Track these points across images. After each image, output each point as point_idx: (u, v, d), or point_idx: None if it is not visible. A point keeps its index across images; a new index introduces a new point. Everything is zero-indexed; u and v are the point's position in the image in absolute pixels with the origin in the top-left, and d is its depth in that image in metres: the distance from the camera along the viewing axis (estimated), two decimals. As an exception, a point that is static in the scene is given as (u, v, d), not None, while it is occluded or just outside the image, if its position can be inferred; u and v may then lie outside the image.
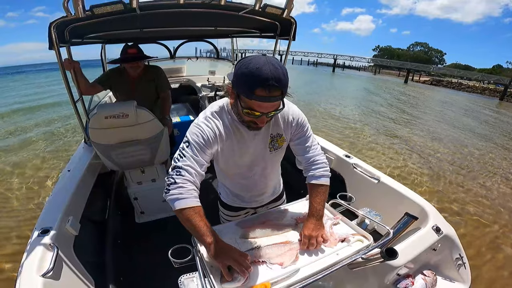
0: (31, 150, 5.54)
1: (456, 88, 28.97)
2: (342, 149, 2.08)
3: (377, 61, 45.60)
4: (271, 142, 1.03)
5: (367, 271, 1.05)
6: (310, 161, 1.07)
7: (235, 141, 0.97)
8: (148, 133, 1.90)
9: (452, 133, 8.43)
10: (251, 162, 1.07)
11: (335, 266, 0.85)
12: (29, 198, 3.62)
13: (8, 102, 12.04)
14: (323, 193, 1.04)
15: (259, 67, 0.72)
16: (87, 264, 1.30)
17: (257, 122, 0.85)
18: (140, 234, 2.18)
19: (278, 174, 1.30)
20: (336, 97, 14.76)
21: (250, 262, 0.87)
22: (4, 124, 8.02)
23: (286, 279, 0.83)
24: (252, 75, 0.73)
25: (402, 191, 1.53)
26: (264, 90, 0.73)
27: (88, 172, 1.87)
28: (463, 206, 3.85)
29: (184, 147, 0.91)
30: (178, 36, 3.16)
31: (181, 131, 3.19)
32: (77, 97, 1.94)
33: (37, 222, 1.26)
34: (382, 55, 64.08)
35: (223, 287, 0.79)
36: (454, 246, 1.26)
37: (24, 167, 4.62)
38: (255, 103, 0.77)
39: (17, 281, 0.95)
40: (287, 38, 2.32)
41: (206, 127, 0.92)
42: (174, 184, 0.85)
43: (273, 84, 0.72)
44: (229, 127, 0.95)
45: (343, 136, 7.01)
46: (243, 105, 0.81)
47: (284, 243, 0.98)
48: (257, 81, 0.73)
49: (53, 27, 1.40)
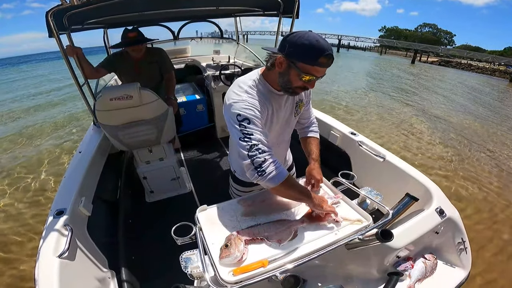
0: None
1: (465, 69, 27.64)
2: (347, 127, 1.99)
3: (383, 42, 43.28)
4: (295, 108, 1.12)
5: (366, 252, 1.01)
6: (309, 122, 1.28)
7: (274, 108, 1.02)
8: (153, 113, 1.88)
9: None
10: (280, 127, 1.12)
11: (332, 245, 0.83)
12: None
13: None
14: (318, 144, 1.25)
15: (318, 40, 0.83)
16: (100, 244, 1.32)
17: (309, 86, 0.94)
18: (150, 213, 2.20)
19: (289, 145, 1.33)
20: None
21: (249, 240, 0.87)
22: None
23: (283, 257, 0.81)
24: (314, 46, 0.83)
25: (408, 170, 1.45)
26: (325, 58, 0.85)
27: (98, 153, 1.87)
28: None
29: (245, 125, 0.90)
30: (180, 17, 3.03)
31: (187, 110, 3.16)
32: (82, 82, 1.91)
33: (52, 204, 1.27)
34: (389, 36, 60.78)
35: (222, 262, 0.79)
36: (457, 229, 1.19)
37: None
38: (317, 69, 0.87)
39: (37, 263, 0.97)
40: (291, 16, 2.21)
41: (253, 99, 0.94)
42: (265, 162, 0.87)
43: (330, 54, 0.85)
44: (267, 95, 0.99)
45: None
46: (302, 71, 0.87)
47: (283, 221, 0.96)
48: (320, 51, 0.83)
49: (50, 16, 1.38)
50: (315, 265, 1.00)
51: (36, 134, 5.89)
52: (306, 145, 1.24)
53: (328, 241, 0.86)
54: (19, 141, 5.46)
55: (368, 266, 1.08)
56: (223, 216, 1.00)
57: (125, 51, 2.17)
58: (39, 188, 3.62)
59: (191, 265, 0.80)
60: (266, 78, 0.99)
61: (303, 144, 1.26)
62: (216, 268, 0.77)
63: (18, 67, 30.98)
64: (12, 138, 5.66)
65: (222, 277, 0.74)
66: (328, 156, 2.00)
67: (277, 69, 0.92)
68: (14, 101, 9.97)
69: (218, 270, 0.76)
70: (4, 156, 4.78)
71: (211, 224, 0.96)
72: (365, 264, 1.08)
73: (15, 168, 4.21)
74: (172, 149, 2.35)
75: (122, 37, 2.08)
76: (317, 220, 0.96)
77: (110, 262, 1.32)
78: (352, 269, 1.08)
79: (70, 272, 0.99)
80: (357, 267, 1.08)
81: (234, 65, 3.06)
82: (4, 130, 6.31)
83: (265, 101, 0.98)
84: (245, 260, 0.80)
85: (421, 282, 1.08)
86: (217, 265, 0.78)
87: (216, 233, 0.91)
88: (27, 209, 3.20)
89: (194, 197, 2.36)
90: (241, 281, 0.73)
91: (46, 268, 0.94)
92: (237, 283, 0.73)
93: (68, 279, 0.95)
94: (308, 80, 0.89)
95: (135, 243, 1.73)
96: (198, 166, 2.87)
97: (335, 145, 2.00)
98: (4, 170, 4.16)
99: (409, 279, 1.08)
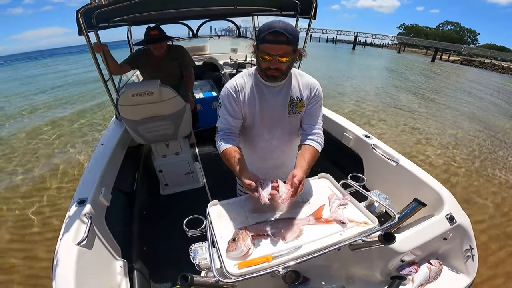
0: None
1: (488, 69, 25.90)
2: (362, 129, 1.94)
3: (401, 39, 41.22)
4: (291, 105, 1.09)
5: (371, 254, 1.00)
6: (313, 132, 1.12)
7: (257, 96, 1.07)
8: (171, 109, 1.92)
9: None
10: (271, 121, 1.12)
11: (336, 245, 0.82)
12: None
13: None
14: (313, 154, 1.06)
15: (271, 22, 0.90)
16: (115, 234, 1.36)
17: (270, 66, 0.94)
18: (163, 206, 2.25)
19: (295, 151, 1.25)
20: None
21: (256, 235, 0.88)
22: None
23: (287, 254, 0.81)
24: (265, 26, 0.90)
25: (421, 176, 1.40)
26: (271, 34, 0.88)
27: (119, 145, 1.94)
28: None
29: (220, 107, 1.10)
30: (199, 16, 3.05)
31: (204, 107, 3.20)
32: (107, 77, 1.97)
33: (75, 193, 1.31)
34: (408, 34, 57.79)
35: (228, 256, 0.80)
36: (466, 236, 1.14)
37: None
38: (266, 45, 0.91)
39: (57, 248, 1.01)
40: (308, 17, 2.16)
41: (234, 86, 1.07)
42: (218, 140, 1.09)
43: (279, 30, 0.87)
44: (254, 85, 1.07)
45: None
46: (259, 51, 0.94)
47: (290, 219, 0.96)
48: (266, 29, 0.89)
49: (80, 14, 1.42)
50: (318, 264, 0.99)
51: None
52: (298, 153, 1.09)
53: (332, 241, 0.86)
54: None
55: (371, 268, 1.06)
56: (233, 212, 1.01)
57: (148, 49, 2.21)
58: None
59: (199, 257, 0.82)
60: (257, 69, 1.05)
61: (298, 152, 1.10)
62: (222, 260, 0.79)
63: (43, 61, 32.08)
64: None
65: (227, 270, 0.76)
66: (340, 157, 1.97)
67: (254, 55, 1.01)
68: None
69: (224, 263, 0.78)
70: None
71: (221, 218, 0.98)
72: (368, 267, 1.06)
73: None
74: (188, 144, 2.39)
75: (145, 35, 2.13)
76: (323, 220, 0.95)
77: (124, 252, 1.35)
78: (355, 270, 1.06)
79: (86, 260, 1.02)
80: (361, 269, 1.06)
81: (251, 64, 3.05)
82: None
83: (250, 90, 1.06)
84: (251, 255, 0.81)
85: (424, 287, 1.05)
86: (223, 257, 0.80)
87: (225, 227, 0.93)
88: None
89: (207, 192, 2.40)
90: (245, 274, 0.74)
91: (64, 254, 0.98)
92: (241, 275, 0.74)
93: (84, 266, 0.99)
94: (267, 60, 0.94)
95: (148, 233, 1.78)
96: (212, 161, 2.91)
97: (348, 147, 1.96)
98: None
99: (412, 283, 1.05)
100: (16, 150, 4.80)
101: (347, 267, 1.06)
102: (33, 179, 3.75)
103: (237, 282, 0.74)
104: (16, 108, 8.01)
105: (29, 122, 6.51)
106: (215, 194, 2.33)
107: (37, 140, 5.24)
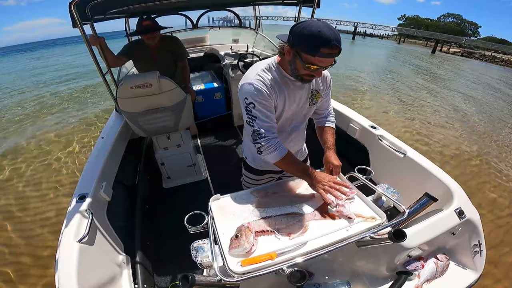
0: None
1: (489, 61, 25.39)
2: (367, 120, 1.85)
3: (402, 30, 40.22)
4: (311, 97, 1.08)
5: (377, 250, 0.95)
6: (327, 113, 1.23)
7: (285, 92, 1.00)
8: (171, 101, 1.85)
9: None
10: (292, 114, 1.10)
11: (342, 242, 0.77)
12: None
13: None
14: (334, 134, 1.20)
15: (320, 30, 0.79)
16: (117, 229, 1.32)
17: (315, 74, 0.91)
18: (166, 199, 2.20)
19: (304, 137, 1.29)
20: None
21: (260, 231, 0.83)
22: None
23: (292, 251, 0.76)
24: (316, 37, 0.79)
25: (429, 168, 1.32)
26: (328, 49, 0.80)
27: (119, 138, 1.88)
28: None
29: (250, 109, 0.95)
30: (199, 6, 2.93)
31: (206, 98, 3.12)
32: (105, 70, 1.89)
33: (76, 189, 1.26)
34: (408, 25, 56.39)
35: (231, 253, 0.76)
36: (474, 231, 1.08)
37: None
38: (319, 59, 0.83)
39: (58, 246, 0.98)
40: (311, 6, 2.05)
41: (262, 83, 0.94)
42: (263, 147, 0.95)
43: (334, 44, 0.80)
44: (280, 81, 0.98)
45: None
46: (304, 61, 0.85)
47: (295, 214, 0.91)
48: (322, 42, 0.79)
49: (73, 6, 1.34)
50: (323, 259, 0.95)
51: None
52: (322, 134, 1.20)
53: (338, 237, 0.80)
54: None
55: (377, 264, 1.02)
56: (235, 206, 0.96)
57: (142, 40, 2.13)
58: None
59: (201, 255, 0.77)
60: (281, 64, 0.98)
61: (319, 133, 1.23)
62: (225, 258, 0.74)
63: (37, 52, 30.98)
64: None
65: (230, 268, 0.71)
66: (345, 149, 1.87)
67: (286, 57, 0.92)
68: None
69: (227, 260, 0.73)
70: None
71: (223, 213, 0.93)
72: (374, 262, 1.01)
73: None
74: (190, 136, 2.33)
75: (137, 25, 2.05)
76: (329, 215, 0.90)
77: (126, 247, 1.32)
78: (361, 265, 1.02)
79: (88, 256, 0.99)
80: (366, 264, 1.02)
81: (252, 54, 2.95)
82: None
83: (277, 86, 0.97)
84: (254, 252, 0.77)
85: (430, 283, 1.01)
86: (226, 255, 0.75)
87: (228, 223, 0.88)
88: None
89: (209, 184, 2.35)
90: (249, 272, 0.70)
91: (66, 252, 0.95)
92: (245, 274, 0.70)
93: (86, 263, 0.96)
94: (313, 70, 0.87)
95: (150, 228, 1.74)
96: (215, 153, 2.85)
97: (353, 138, 1.87)
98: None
99: (418, 279, 1.00)
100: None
101: (352, 262, 1.01)
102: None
103: (240, 282, 0.69)
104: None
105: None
106: (217, 187, 2.29)
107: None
